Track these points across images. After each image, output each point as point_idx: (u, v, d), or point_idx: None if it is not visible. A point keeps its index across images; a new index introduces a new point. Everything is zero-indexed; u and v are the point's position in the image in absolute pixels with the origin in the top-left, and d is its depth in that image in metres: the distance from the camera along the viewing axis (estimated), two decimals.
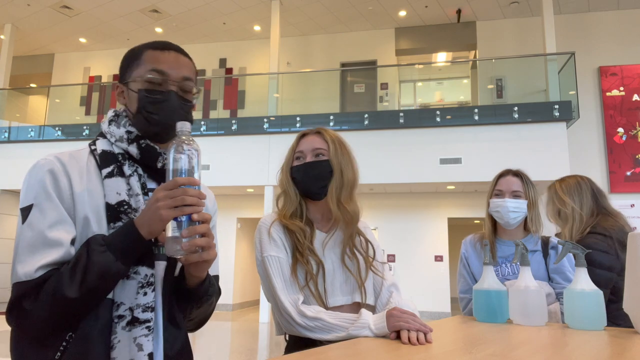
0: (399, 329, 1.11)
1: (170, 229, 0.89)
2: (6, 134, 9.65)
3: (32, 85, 12.08)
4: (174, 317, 1.03)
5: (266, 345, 6.58)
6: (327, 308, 1.32)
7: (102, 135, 1.07)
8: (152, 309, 0.95)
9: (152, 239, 0.94)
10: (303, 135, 1.46)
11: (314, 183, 1.38)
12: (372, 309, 1.41)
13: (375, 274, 1.43)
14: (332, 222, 1.44)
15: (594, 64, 8.99)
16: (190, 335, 1.12)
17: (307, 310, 1.25)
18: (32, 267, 0.89)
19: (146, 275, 0.95)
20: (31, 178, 0.96)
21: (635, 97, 8.71)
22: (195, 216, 0.89)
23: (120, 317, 0.92)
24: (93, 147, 1.04)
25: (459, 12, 9.69)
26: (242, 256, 10.35)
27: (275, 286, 1.30)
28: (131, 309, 0.93)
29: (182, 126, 0.92)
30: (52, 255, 0.90)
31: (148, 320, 0.94)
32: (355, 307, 1.36)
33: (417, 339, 1.06)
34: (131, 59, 1.08)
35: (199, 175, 0.92)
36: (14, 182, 9.48)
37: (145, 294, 0.94)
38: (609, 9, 9.21)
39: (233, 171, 8.40)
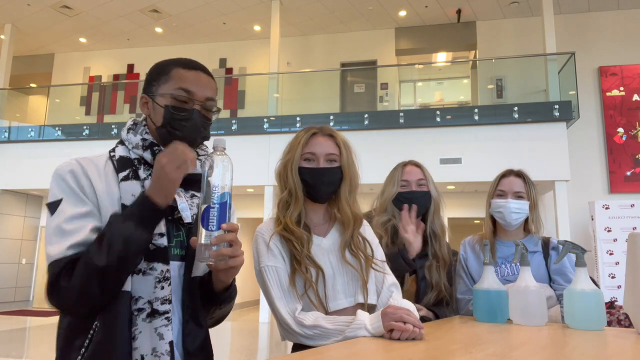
0: (393, 328, 1.11)
1: (203, 237, 0.96)
2: (6, 134, 9.64)
3: (32, 85, 12.07)
4: (197, 315, 1.10)
5: (266, 345, 6.58)
6: (328, 313, 1.30)
7: (122, 142, 1.15)
8: (170, 301, 1.03)
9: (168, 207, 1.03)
10: (313, 134, 1.42)
11: (326, 188, 1.38)
12: (374, 308, 1.39)
13: (377, 271, 1.41)
14: (329, 225, 1.44)
15: (594, 64, 8.98)
16: None
17: (305, 319, 1.24)
18: (63, 246, 0.97)
19: (162, 270, 1.03)
20: (55, 179, 1.05)
21: (635, 97, 8.71)
22: (224, 225, 0.97)
23: (140, 310, 1.00)
24: (112, 154, 1.12)
25: (459, 12, 9.68)
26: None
27: (273, 296, 1.30)
28: (150, 302, 1.01)
29: (219, 142, 1.00)
30: (81, 235, 0.99)
31: (167, 312, 1.02)
32: (358, 309, 1.35)
33: (410, 334, 1.08)
34: (158, 73, 1.14)
35: (230, 185, 0.99)
36: (14, 182, 9.48)
37: (162, 287, 1.02)
38: (609, 9, 9.21)
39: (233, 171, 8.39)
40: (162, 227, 1.05)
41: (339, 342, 1.18)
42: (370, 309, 1.39)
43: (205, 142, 1.21)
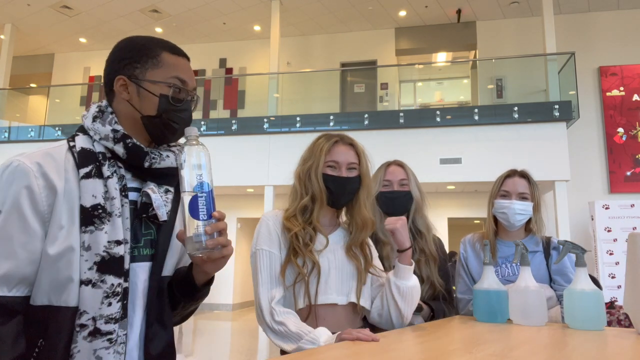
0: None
1: (193, 228, 0.90)
2: (6, 134, 9.64)
3: (32, 85, 12.07)
4: (162, 316, 1.02)
5: (266, 345, 6.57)
6: (315, 307, 1.34)
7: (83, 130, 1.03)
8: (116, 320, 0.92)
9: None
10: (335, 142, 1.46)
11: (347, 196, 1.43)
12: (367, 312, 1.44)
13: (375, 275, 1.45)
14: (334, 227, 1.48)
15: (594, 64, 8.98)
16: (190, 334, 1.12)
17: (277, 314, 1.28)
18: None
19: (112, 284, 0.92)
20: (5, 184, 0.91)
21: (635, 97, 8.70)
22: (215, 214, 0.92)
23: (82, 326, 0.89)
24: (72, 144, 0.99)
25: (459, 12, 9.68)
26: (242, 256, 10.35)
27: (259, 280, 1.33)
28: (94, 319, 0.90)
29: (190, 131, 0.95)
30: (12, 267, 0.89)
31: (110, 333, 0.91)
32: (350, 308, 1.39)
33: (360, 337, 1.11)
34: (143, 55, 1.03)
35: (209, 175, 0.94)
36: None
37: (109, 304, 0.91)
38: (609, 9, 9.21)
39: (233, 171, 8.39)
40: (120, 234, 0.94)
41: (294, 351, 1.21)
42: (364, 312, 1.44)
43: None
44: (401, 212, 1.82)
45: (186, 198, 0.91)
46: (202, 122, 8.85)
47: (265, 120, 8.59)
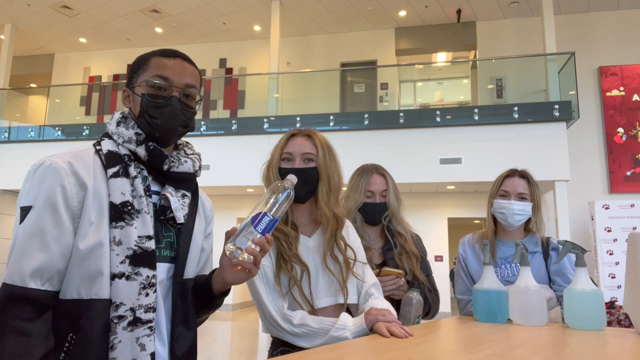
0: (376, 323, 1.19)
1: (246, 231, 1.00)
2: (6, 134, 9.64)
3: (32, 85, 12.07)
4: (187, 317, 1.07)
5: (266, 345, 6.57)
6: (314, 310, 1.33)
7: (108, 135, 1.08)
8: (154, 310, 0.97)
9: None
10: (292, 135, 1.46)
11: (302, 188, 1.37)
12: (356, 307, 1.43)
13: (356, 278, 1.44)
14: (315, 226, 1.45)
15: (594, 64, 8.98)
16: None
17: (293, 318, 1.28)
18: (25, 268, 0.91)
19: (148, 276, 0.97)
20: (37, 181, 0.96)
21: (635, 97, 8.70)
22: (268, 236, 1.01)
23: (121, 317, 0.93)
24: (98, 147, 1.05)
25: (459, 12, 9.68)
26: None
27: (260, 293, 1.32)
28: (133, 310, 0.94)
29: (293, 179, 1.12)
30: (46, 259, 0.92)
31: (150, 321, 0.96)
32: (339, 308, 1.39)
33: (395, 333, 1.13)
34: (139, 65, 1.10)
35: (282, 215, 1.06)
36: (14, 182, 9.47)
37: (147, 294, 0.96)
38: (609, 9, 9.21)
39: (233, 171, 8.39)
40: (150, 229, 0.99)
41: (324, 344, 1.21)
42: (352, 308, 1.43)
43: (198, 142, 1.20)
44: (379, 221, 1.89)
45: (255, 212, 1.02)
46: (202, 122, 8.85)
47: (265, 120, 8.59)
